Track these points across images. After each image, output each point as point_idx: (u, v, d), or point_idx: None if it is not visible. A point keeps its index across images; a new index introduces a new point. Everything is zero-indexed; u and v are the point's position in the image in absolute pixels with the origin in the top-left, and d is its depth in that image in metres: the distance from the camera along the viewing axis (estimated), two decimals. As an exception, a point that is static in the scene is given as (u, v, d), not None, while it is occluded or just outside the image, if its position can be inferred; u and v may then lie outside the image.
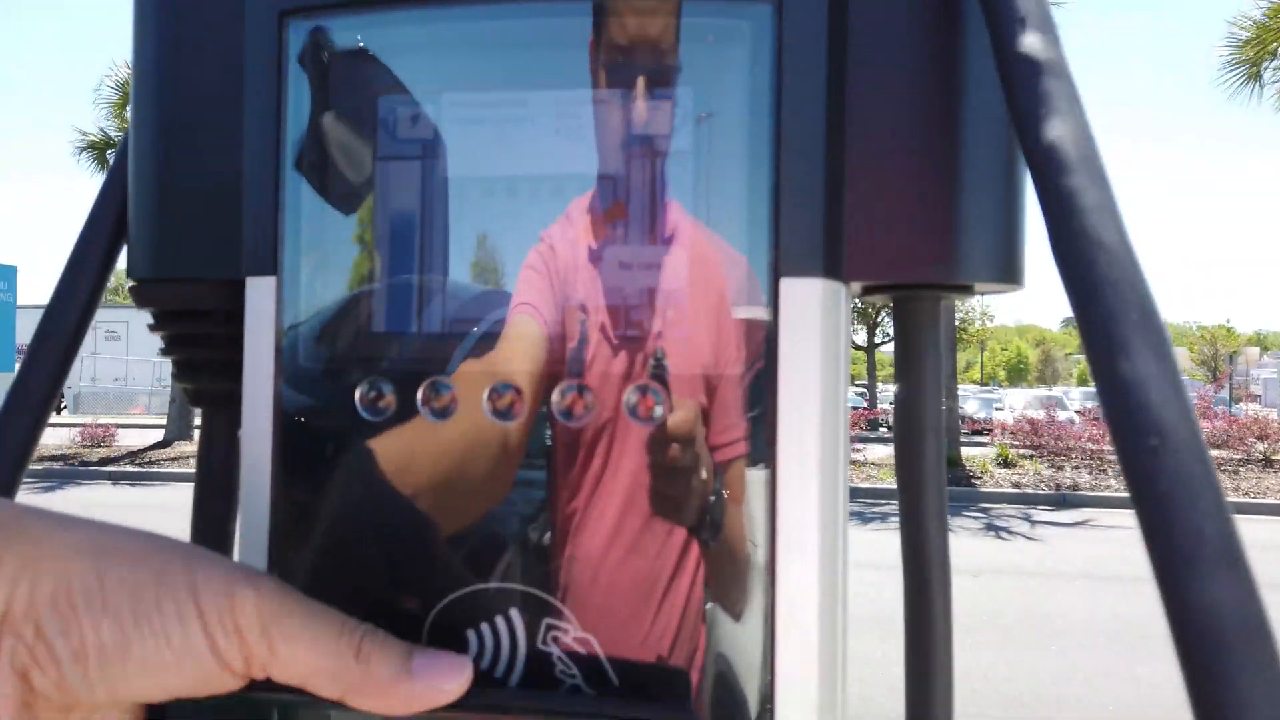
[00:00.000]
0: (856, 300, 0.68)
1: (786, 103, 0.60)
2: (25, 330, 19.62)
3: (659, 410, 0.55)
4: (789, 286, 0.58)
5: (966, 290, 0.66)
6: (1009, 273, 0.64)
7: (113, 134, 17.40)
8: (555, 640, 0.55)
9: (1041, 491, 12.16)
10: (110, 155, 16.81)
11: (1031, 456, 15.19)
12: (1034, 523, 10.65)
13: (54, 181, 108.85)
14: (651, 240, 0.61)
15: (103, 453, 15.58)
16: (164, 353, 0.81)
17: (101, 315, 35.52)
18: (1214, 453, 14.30)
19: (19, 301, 17.39)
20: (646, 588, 0.55)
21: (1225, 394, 23.05)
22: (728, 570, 0.55)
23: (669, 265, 0.60)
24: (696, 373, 0.57)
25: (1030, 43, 0.53)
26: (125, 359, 32.20)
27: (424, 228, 0.66)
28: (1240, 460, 14.42)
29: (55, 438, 17.32)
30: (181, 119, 0.72)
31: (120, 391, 31.52)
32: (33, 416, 0.73)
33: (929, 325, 0.70)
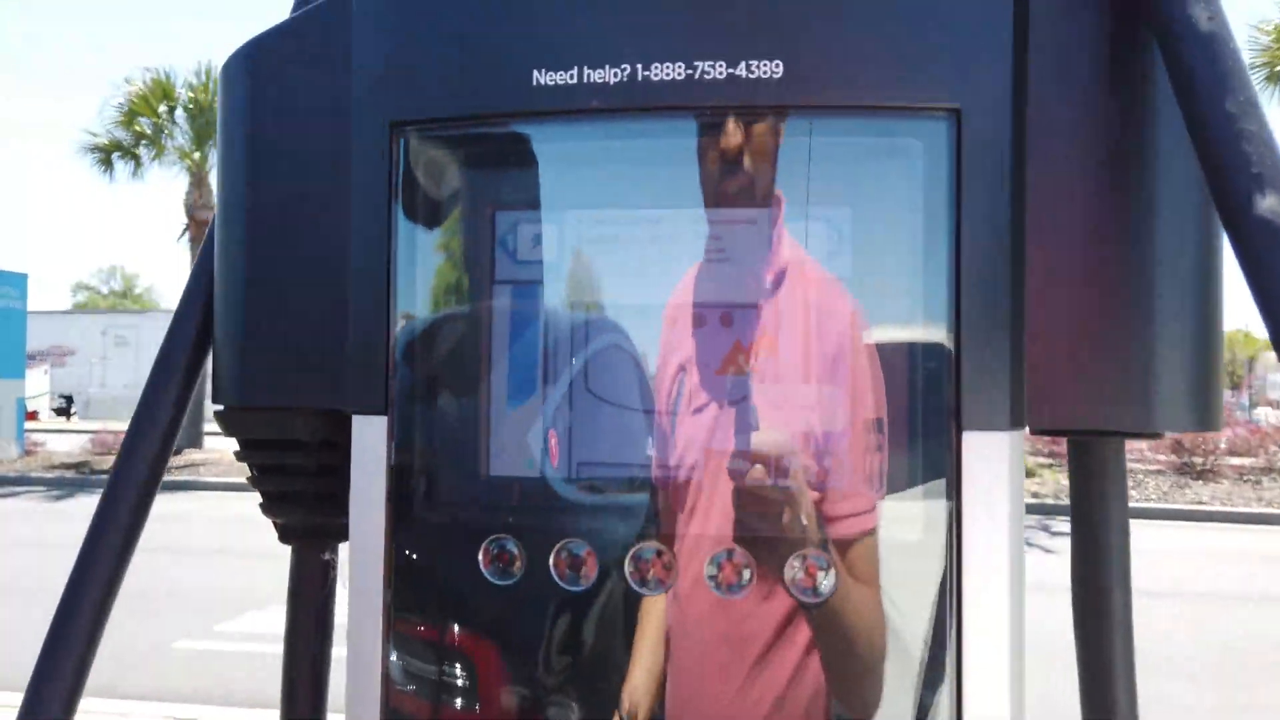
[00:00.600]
0: None
1: (966, 231, 0.53)
2: (34, 336, 19.64)
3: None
4: (971, 439, 0.54)
5: (1157, 436, 0.60)
6: (1206, 420, 0.58)
7: (121, 138, 17.42)
8: None
9: (1061, 502, 12.01)
10: (116, 158, 16.81)
11: (1050, 466, 15.01)
12: (1053, 534, 10.47)
13: (59, 183, 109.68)
14: (810, 380, 0.54)
15: (114, 460, 15.53)
16: (251, 483, 0.73)
17: (111, 320, 35.59)
18: (1235, 461, 14.14)
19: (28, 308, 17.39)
20: None
21: (1245, 400, 22.86)
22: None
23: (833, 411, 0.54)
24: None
25: (1269, 205, 0.46)
26: (135, 364, 32.23)
27: (547, 360, 0.59)
28: (1263, 469, 14.21)
29: (66, 444, 17.29)
30: (276, 235, 0.65)
31: (130, 397, 31.55)
32: (122, 539, 0.81)
33: (1114, 469, 0.63)
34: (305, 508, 0.73)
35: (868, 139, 0.56)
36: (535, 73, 0.57)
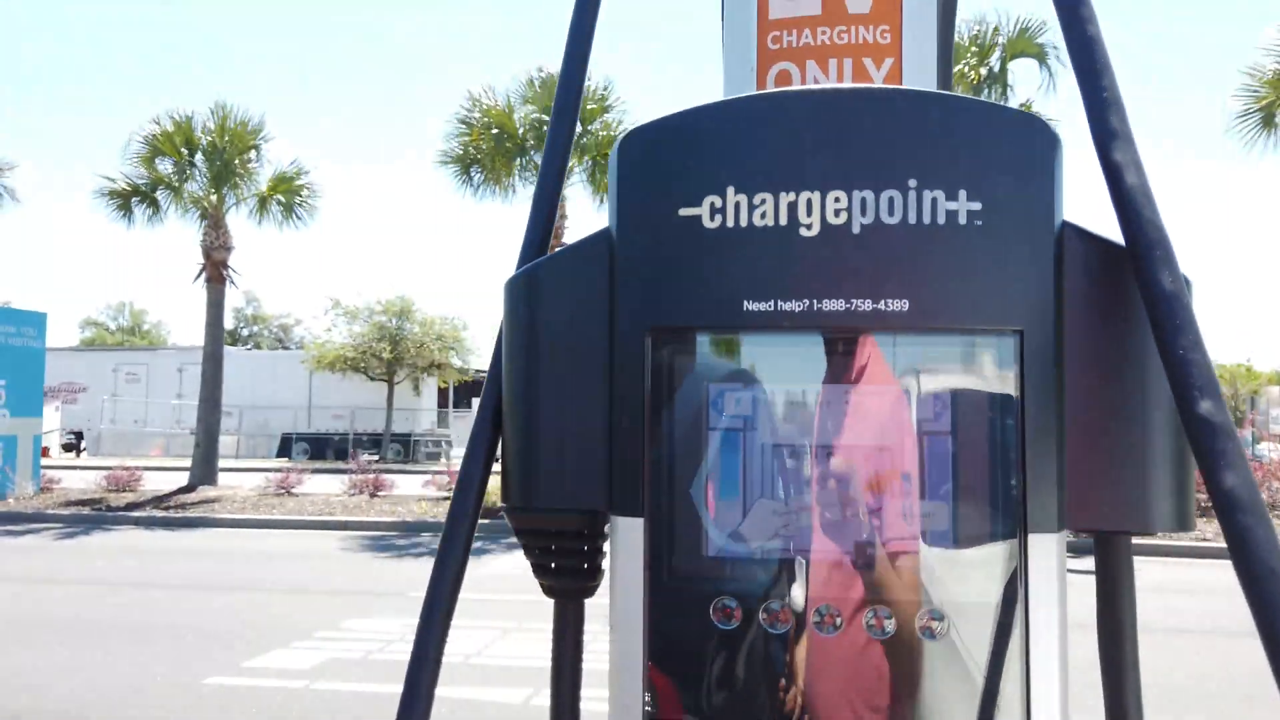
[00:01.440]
0: None
1: (1028, 397, 0.91)
2: (47, 372, 19.82)
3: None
4: (1035, 540, 0.92)
5: (1152, 533, 0.96)
6: (1184, 523, 0.94)
7: (140, 183, 17.77)
8: None
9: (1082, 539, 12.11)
10: (135, 203, 17.03)
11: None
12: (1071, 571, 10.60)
13: (63, 217, 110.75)
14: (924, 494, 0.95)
15: (129, 497, 15.70)
16: (528, 555, 1.03)
17: (122, 357, 35.82)
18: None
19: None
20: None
21: (1248, 435, 22.89)
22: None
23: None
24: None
25: (1206, 407, 0.83)
26: (145, 401, 32.44)
27: (747, 483, 0.95)
28: (1267, 505, 14.28)
29: (81, 481, 17.48)
30: (553, 396, 1.01)
31: (139, 433, 31.73)
32: (456, 572, 1.05)
33: (1127, 561, 1.00)
34: (567, 576, 1.07)
35: (962, 348, 0.94)
36: (745, 301, 0.94)
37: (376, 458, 19.41)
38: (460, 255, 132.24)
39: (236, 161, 17.66)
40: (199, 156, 17.78)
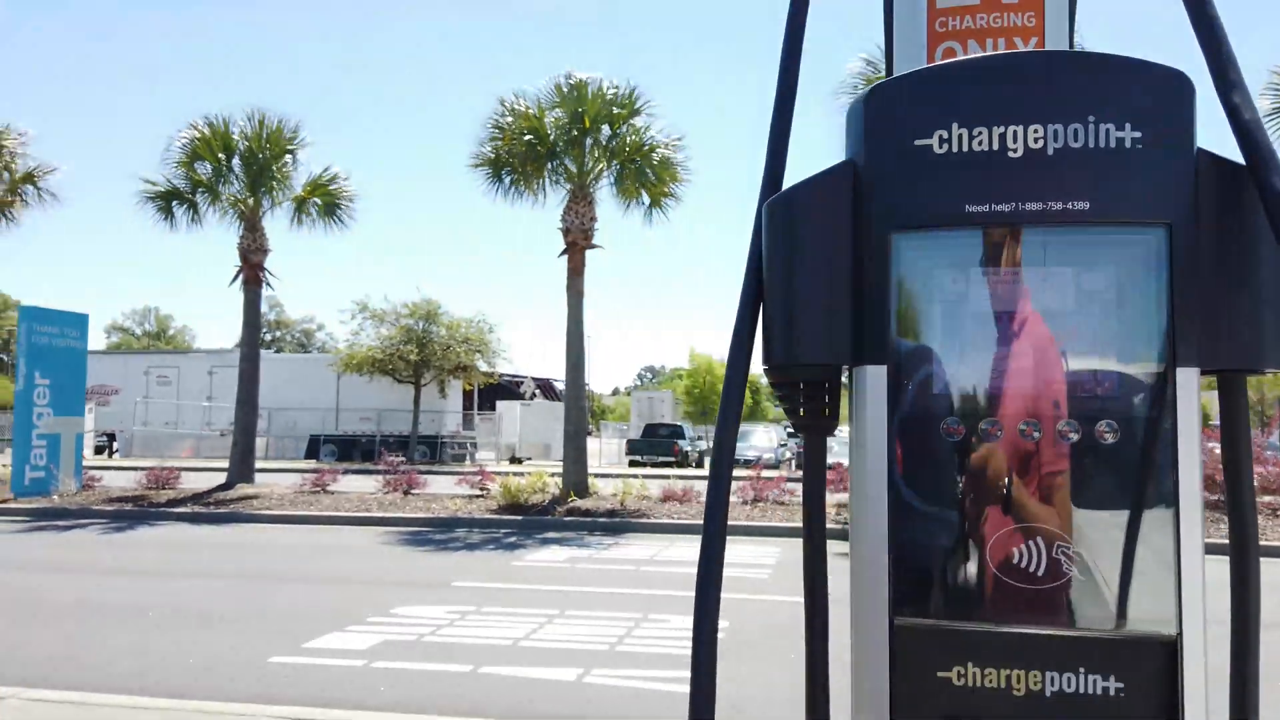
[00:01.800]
0: None
1: (1175, 264, 1.29)
2: (94, 374, 20.29)
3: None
4: (1181, 372, 1.30)
5: (1261, 372, 1.33)
6: None
7: (180, 185, 18.17)
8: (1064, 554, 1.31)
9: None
10: (175, 205, 17.33)
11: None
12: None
13: (113, 227, 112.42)
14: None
15: (169, 494, 16.06)
16: (780, 402, 1.34)
17: (153, 360, 36.40)
18: (1266, 499, 14.26)
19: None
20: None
21: (1275, 438, 22.77)
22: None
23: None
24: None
25: None
26: (176, 403, 32.97)
27: (963, 338, 1.35)
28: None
29: (122, 480, 17.88)
30: (808, 272, 1.37)
31: (170, 435, 32.26)
32: (727, 467, 1.42)
33: (1243, 399, 1.37)
34: (813, 416, 1.47)
35: (1125, 237, 1.32)
36: (966, 205, 1.31)
37: (403, 459, 19.77)
38: (488, 257, 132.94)
39: (273, 166, 18.04)
40: (236, 160, 18.16)
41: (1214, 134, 1.47)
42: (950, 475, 1.32)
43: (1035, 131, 1.29)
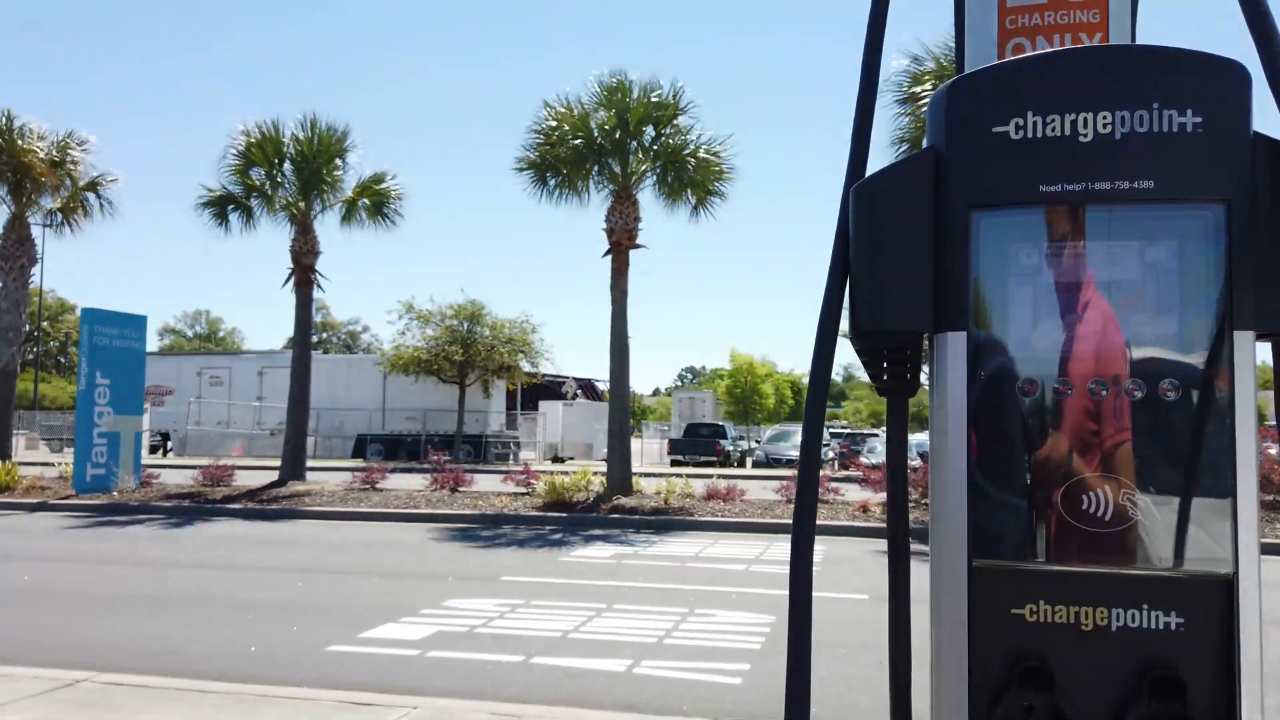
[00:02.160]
0: None
1: (1233, 236, 1.42)
2: (149, 375, 20.85)
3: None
4: (1238, 335, 1.42)
5: None
6: None
7: (234, 191, 18.61)
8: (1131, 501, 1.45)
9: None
10: (230, 210, 17.75)
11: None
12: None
13: (148, 233, 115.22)
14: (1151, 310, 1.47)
15: (224, 491, 16.48)
16: (865, 367, 1.47)
17: (206, 362, 37.25)
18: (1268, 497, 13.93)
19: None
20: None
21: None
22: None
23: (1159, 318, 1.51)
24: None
25: None
26: (228, 403, 33.74)
27: (1035, 306, 1.48)
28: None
29: (178, 478, 18.37)
30: (891, 247, 1.52)
31: (222, 434, 33.02)
32: (816, 435, 1.57)
33: None
34: (897, 380, 1.62)
35: (1186, 214, 1.44)
36: (1040, 185, 1.45)
37: (448, 458, 20.09)
38: (531, 258, 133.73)
39: (324, 170, 18.42)
40: (288, 165, 18.56)
41: (1269, 120, 1.58)
42: (1024, 431, 1.46)
43: (1104, 118, 1.42)
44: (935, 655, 1.49)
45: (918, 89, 14.53)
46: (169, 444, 34.03)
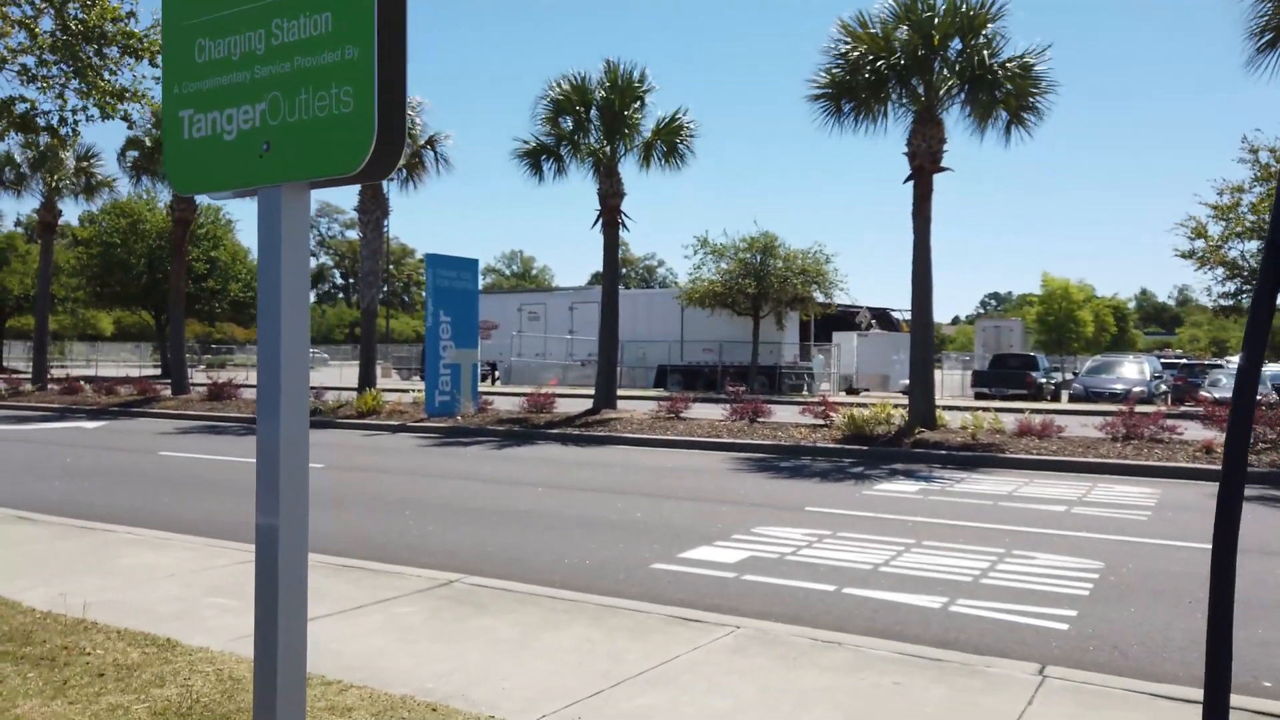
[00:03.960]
0: None
1: None
2: (480, 311, 23.20)
3: None
4: None
5: None
6: None
7: (546, 140, 19.99)
8: None
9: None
10: (543, 159, 19.08)
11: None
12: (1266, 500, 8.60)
13: (467, 182, 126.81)
14: None
15: (546, 417, 18.16)
16: None
17: (524, 299, 40.76)
18: None
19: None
20: None
21: None
22: None
23: None
24: None
25: None
26: (544, 336, 36.83)
27: None
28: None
29: (506, 404, 20.51)
30: None
31: (541, 365, 36.14)
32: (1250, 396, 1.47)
33: None
34: None
35: None
36: None
37: (743, 389, 20.59)
38: (824, 187, 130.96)
39: (626, 113, 19.25)
40: (594, 112, 19.61)
41: None
42: None
43: None
44: None
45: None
46: (497, 373, 37.81)
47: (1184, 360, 39.47)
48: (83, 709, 3.51)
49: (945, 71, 15.81)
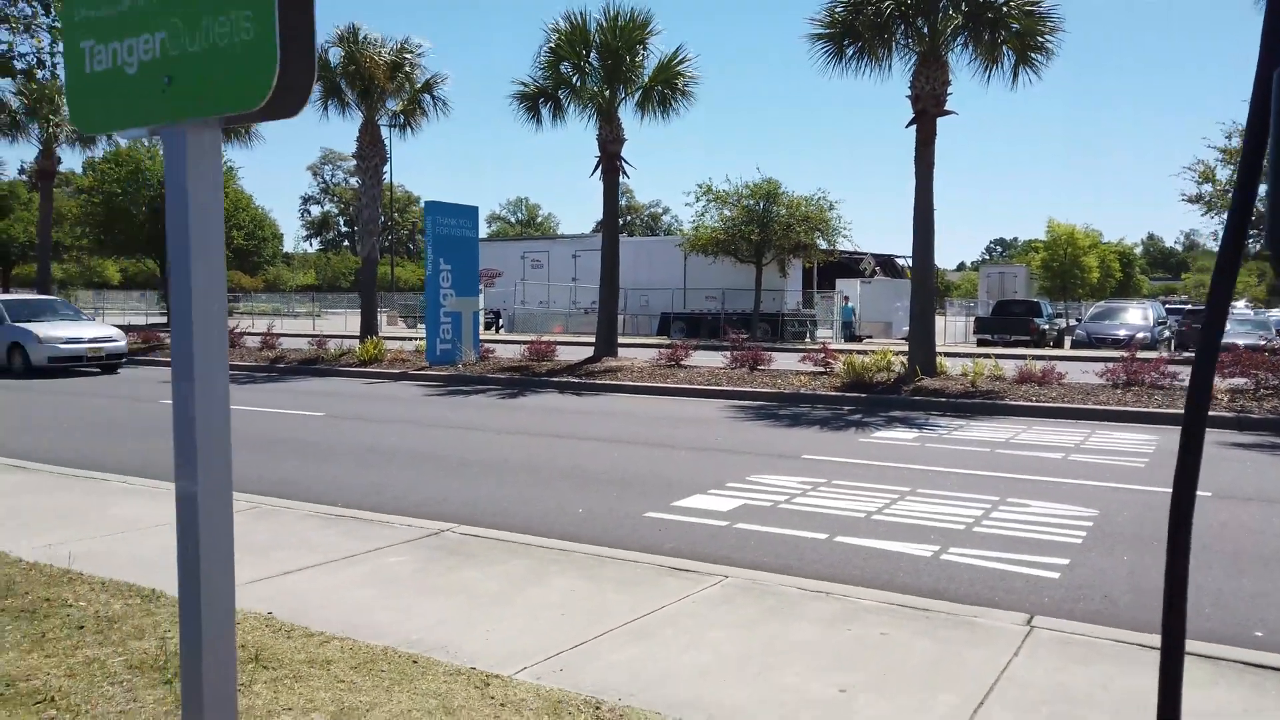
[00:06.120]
0: None
1: None
2: (480, 260, 23.04)
3: None
4: None
5: None
6: None
7: (544, 84, 19.61)
8: None
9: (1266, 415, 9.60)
10: (541, 104, 18.76)
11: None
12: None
13: (486, 126, 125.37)
14: None
15: (547, 365, 18.10)
16: None
17: (527, 247, 40.48)
18: None
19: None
20: None
21: None
22: None
23: None
24: None
25: None
26: (547, 283, 36.65)
27: None
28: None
29: (508, 352, 20.46)
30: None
31: (544, 313, 36.03)
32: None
33: None
34: None
35: None
36: None
37: (745, 336, 20.54)
38: (827, 133, 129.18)
39: (628, 57, 18.83)
40: (593, 55, 19.19)
41: None
42: None
43: None
44: None
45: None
46: (500, 321, 37.73)
47: (1189, 306, 39.18)
48: (59, 662, 3.51)
49: (951, 10, 15.40)
